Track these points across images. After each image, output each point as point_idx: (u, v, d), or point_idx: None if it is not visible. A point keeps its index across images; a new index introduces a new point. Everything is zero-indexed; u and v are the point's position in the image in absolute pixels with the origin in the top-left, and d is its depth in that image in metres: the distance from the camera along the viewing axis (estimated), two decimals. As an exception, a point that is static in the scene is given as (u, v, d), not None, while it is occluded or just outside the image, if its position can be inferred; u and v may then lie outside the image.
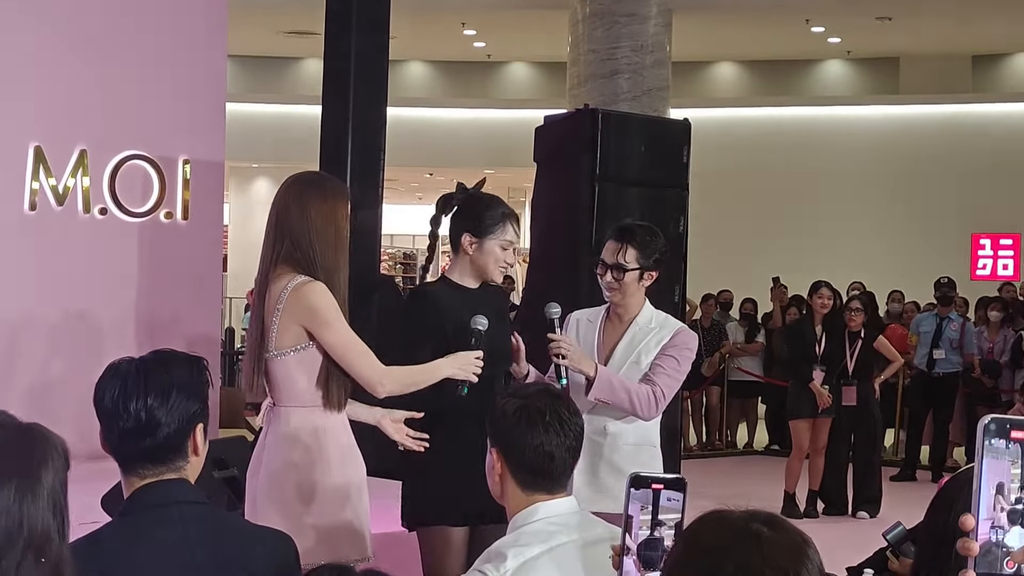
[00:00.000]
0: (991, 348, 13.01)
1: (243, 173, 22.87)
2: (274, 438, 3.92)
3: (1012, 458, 1.42)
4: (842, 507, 10.54)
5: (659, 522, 1.99)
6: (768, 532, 1.58)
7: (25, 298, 7.53)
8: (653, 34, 13.55)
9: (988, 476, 1.42)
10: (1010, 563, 1.40)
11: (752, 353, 14.86)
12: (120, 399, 2.59)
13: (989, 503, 1.41)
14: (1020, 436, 1.42)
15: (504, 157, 20.08)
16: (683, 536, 1.69)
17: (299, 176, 4.06)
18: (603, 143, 7.96)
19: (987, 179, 19.20)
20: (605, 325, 4.78)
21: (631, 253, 4.67)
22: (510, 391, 3.06)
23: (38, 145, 7.65)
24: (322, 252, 3.87)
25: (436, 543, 4.34)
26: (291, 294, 3.82)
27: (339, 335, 3.83)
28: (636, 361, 4.67)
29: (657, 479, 2.01)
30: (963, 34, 19.64)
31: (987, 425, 1.43)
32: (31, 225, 7.63)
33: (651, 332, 4.70)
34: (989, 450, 1.42)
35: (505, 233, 4.48)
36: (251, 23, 17.59)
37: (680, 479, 2.02)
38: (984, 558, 1.41)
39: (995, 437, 1.42)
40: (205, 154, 8.27)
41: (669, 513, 1.99)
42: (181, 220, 8.15)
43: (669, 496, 1.99)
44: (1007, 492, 1.42)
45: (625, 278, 4.66)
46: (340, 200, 3.99)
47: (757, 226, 19.88)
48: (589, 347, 4.72)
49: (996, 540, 1.41)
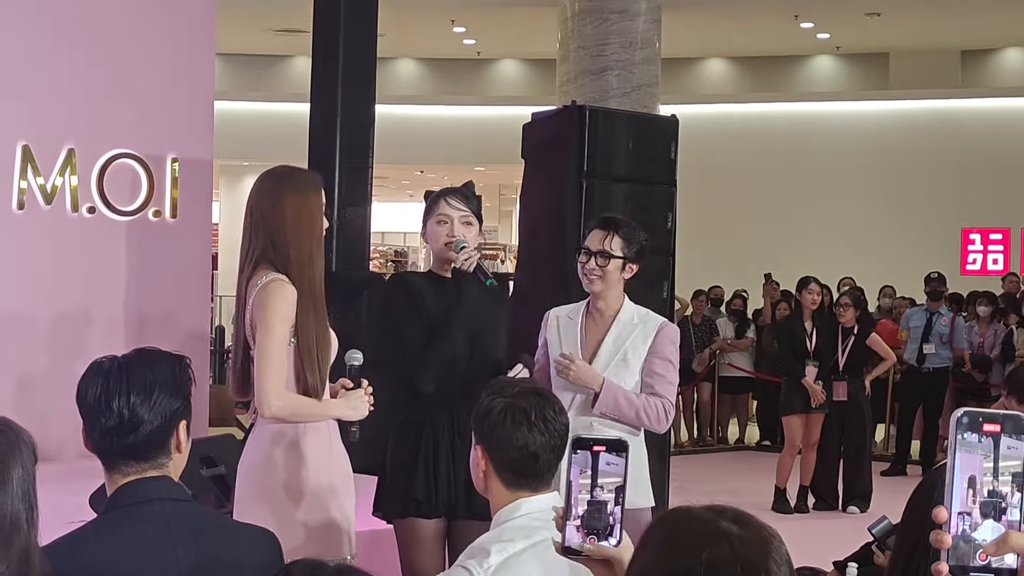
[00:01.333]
0: (981, 343, 13.04)
1: (232, 171, 22.85)
2: (255, 435, 3.92)
3: (984, 452, 1.43)
4: (833, 502, 10.56)
5: (599, 485, 1.96)
6: (737, 529, 1.59)
7: (13, 297, 7.52)
8: (643, 31, 13.54)
9: (961, 469, 1.43)
10: (982, 555, 1.41)
11: (742, 349, 14.88)
12: (102, 397, 2.59)
13: (962, 496, 1.42)
14: (992, 429, 1.43)
15: (494, 154, 20.07)
16: (650, 535, 1.66)
17: (271, 171, 4.02)
18: (590, 140, 7.96)
19: (977, 174, 19.23)
20: (586, 322, 4.77)
21: (617, 242, 4.67)
22: (495, 389, 3.06)
23: (26, 144, 7.64)
24: (296, 245, 3.84)
25: (405, 535, 4.35)
26: (257, 293, 3.81)
27: (269, 340, 3.77)
28: (623, 359, 4.66)
29: (599, 441, 1.98)
30: (952, 29, 19.66)
31: (960, 419, 1.44)
32: (19, 224, 7.62)
33: (635, 328, 4.69)
34: (962, 444, 1.43)
35: (437, 208, 4.44)
36: (240, 21, 17.57)
37: (621, 441, 1.99)
38: (956, 551, 1.42)
39: (968, 431, 1.43)
40: (193, 152, 8.27)
41: (609, 477, 1.96)
42: (170, 218, 8.14)
43: (609, 460, 1.96)
44: (980, 485, 1.42)
45: (609, 266, 4.65)
46: (313, 191, 3.96)
47: (746, 222, 19.89)
48: (571, 345, 4.71)
49: (968, 533, 1.42)
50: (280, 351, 3.77)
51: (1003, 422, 1.44)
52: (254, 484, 3.88)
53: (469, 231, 4.44)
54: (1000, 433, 1.43)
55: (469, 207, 4.47)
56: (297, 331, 3.83)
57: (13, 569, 1.91)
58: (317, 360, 3.85)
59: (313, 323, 3.85)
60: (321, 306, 3.89)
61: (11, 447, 1.95)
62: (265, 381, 3.75)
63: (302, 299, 3.83)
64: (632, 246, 4.70)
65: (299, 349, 3.83)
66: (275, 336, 3.77)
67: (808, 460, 10.43)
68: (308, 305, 3.84)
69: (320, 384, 3.88)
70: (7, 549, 1.90)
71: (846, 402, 10.44)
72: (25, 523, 1.94)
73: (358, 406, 3.93)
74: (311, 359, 3.83)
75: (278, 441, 3.87)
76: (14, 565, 1.91)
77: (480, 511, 2.99)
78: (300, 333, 3.83)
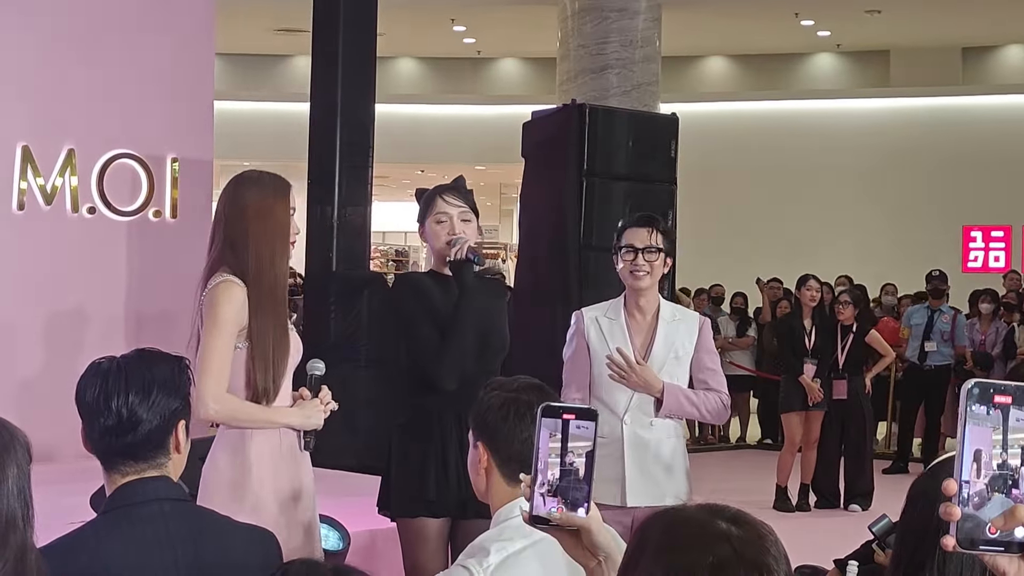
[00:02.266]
0: (983, 340, 13.03)
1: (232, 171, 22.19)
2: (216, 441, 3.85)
3: (994, 424, 1.42)
4: (834, 500, 10.55)
5: (569, 451, 1.92)
6: (736, 529, 1.58)
7: (14, 298, 7.52)
8: (642, 29, 13.54)
9: (970, 441, 1.42)
10: (992, 529, 1.41)
11: (743, 347, 14.88)
12: (101, 396, 2.59)
13: (972, 469, 1.41)
14: (1003, 400, 1.42)
15: (495, 153, 20.07)
16: (646, 537, 1.64)
17: (238, 174, 3.95)
18: (590, 138, 7.95)
19: (978, 171, 19.21)
20: (628, 321, 4.76)
21: (658, 237, 4.71)
22: (495, 384, 3.04)
23: (26, 144, 7.63)
24: (256, 248, 3.75)
25: (412, 534, 4.33)
26: (207, 293, 3.74)
27: (211, 341, 3.69)
28: (675, 356, 4.71)
29: (569, 409, 1.95)
30: (953, 26, 19.65)
31: (970, 390, 1.42)
32: (19, 225, 7.62)
33: (680, 325, 4.76)
34: (972, 416, 1.42)
35: (435, 207, 4.41)
36: (240, 20, 17.57)
37: (591, 410, 1.95)
38: (965, 524, 1.41)
39: (978, 402, 1.42)
40: (193, 152, 8.26)
41: (579, 441, 1.92)
42: (170, 219, 8.14)
43: (579, 425, 1.93)
44: (989, 458, 1.41)
45: (657, 261, 4.69)
46: (279, 195, 3.86)
47: (747, 220, 19.88)
48: (621, 345, 4.71)
49: (978, 505, 1.41)
50: (223, 353, 3.68)
51: (1014, 394, 1.43)
52: (203, 491, 3.77)
53: (469, 228, 4.41)
54: (1011, 405, 1.42)
55: (466, 202, 4.44)
56: (251, 333, 3.72)
57: (10, 567, 1.91)
58: (272, 364, 3.74)
59: (271, 326, 3.74)
60: (282, 309, 3.80)
61: (5, 446, 1.96)
62: (202, 383, 3.61)
63: (261, 301, 3.73)
64: (669, 240, 4.79)
65: (252, 352, 3.72)
66: (218, 337, 3.68)
67: (809, 458, 10.42)
68: (267, 307, 3.74)
69: (273, 389, 3.76)
70: (3, 547, 1.90)
71: (846, 400, 10.43)
72: (21, 520, 1.94)
73: (312, 415, 3.80)
74: (264, 363, 3.73)
75: (222, 445, 3.79)
76: (10, 564, 1.91)
77: (486, 510, 2.98)
78: (255, 336, 3.72)
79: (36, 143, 7.66)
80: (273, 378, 3.75)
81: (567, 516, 1.93)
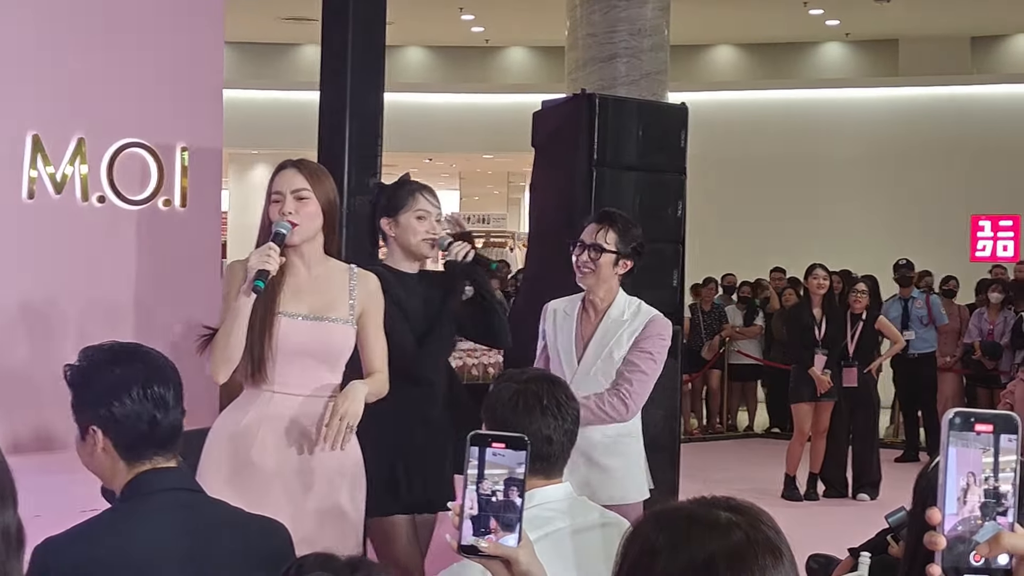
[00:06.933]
0: (991, 329, 13.02)
1: (242, 160, 22.86)
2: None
3: (977, 450, 1.41)
4: (842, 489, 10.55)
5: (494, 478, 1.86)
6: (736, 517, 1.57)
7: (24, 287, 7.53)
8: (651, 18, 13.50)
9: (953, 470, 1.41)
10: (976, 556, 1.41)
11: (752, 336, 14.88)
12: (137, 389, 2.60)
13: (955, 497, 1.41)
14: (985, 429, 1.42)
15: (503, 142, 20.07)
16: (645, 540, 1.60)
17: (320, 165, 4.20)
18: (600, 128, 7.93)
19: (987, 161, 19.17)
20: (581, 317, 4.75)
21: (611, 236, 4.66)
22: (506, 376, 3.05)
23: (36, 133, 7.64)
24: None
25: (384, 532, 4.36)
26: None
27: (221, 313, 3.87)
28: (609, 356, 4.64)
29: (498, 438, 1.89)
30: (962, 15, 19.61)
31: (952, 419, 1.42)
32: (29, 214, 7.62)
33: (623, 325, 4.66)
34: (954, 443, 1.41)
35: (416, 203, 4.47)
36: (249, 9, 17.57)
37: (521, 438, 1.90)
38: (950, 552, 1.41)
39: (960, 431, 1.42)
40: (203, 141, 8.26)
41: (505, 469, 1.87)
42: (179, 207, 8.14)
43: (496, 452, 1.87)
44: (971, 486, 1.41)
45: (601, 259, 4.64)
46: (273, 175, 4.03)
47: (756, 209, 19.85)
48: (567, 339, 4.71)
49: (961, 533, 1.41)
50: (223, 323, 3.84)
51: (995, 421, 1.42)
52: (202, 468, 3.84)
53: (440, 228, 4.52)
54: (992, 433, 1.42)
55: (438, 204, 4.55)
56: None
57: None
58: (259, 334, 3.83)
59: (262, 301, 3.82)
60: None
61: None
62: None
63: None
64: (627, 242, 4.68)
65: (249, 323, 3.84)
66: (223, 310, 3.86)
67: (817, 448, 10.42)
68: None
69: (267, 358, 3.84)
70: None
71: (856, 388, 10.43)
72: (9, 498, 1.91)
73: (267, 255, 3.78)
74: (252, 333, 3.82)
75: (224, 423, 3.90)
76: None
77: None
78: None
79: (46, 132, 7.67)
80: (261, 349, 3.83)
81: (496, 546, 1.88)
